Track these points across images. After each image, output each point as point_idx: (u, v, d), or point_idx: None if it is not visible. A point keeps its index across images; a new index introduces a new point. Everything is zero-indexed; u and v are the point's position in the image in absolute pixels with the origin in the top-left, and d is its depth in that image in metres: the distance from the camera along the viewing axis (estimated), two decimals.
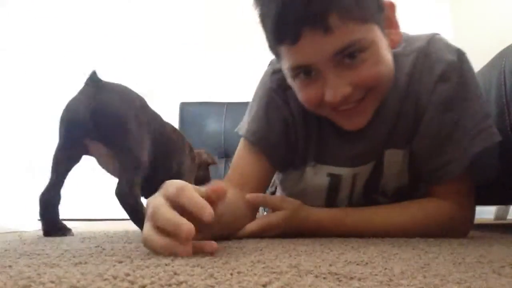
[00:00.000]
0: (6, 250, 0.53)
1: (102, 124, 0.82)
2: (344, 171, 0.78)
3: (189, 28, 2.94)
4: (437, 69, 0.70)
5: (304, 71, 0.66)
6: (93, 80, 0.85)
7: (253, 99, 0.86)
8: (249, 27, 3.33)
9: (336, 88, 0.63)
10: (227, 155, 2.59)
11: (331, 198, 0.81)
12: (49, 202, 0.90)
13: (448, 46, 0.72)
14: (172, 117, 2.76)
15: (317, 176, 0.80)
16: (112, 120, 0.83)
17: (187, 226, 0.40)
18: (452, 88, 0.70)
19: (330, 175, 0.79)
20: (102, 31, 2.86)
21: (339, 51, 0.61)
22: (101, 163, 0.97)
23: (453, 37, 2.56)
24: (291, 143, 0.80)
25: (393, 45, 0.69)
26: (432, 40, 0.73)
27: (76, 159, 0.93)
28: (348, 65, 0.63)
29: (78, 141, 0.87)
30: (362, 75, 0.63)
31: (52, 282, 0.29)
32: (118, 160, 0.85)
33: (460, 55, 0.71)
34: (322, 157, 0.79)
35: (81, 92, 0.87)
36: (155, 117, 1.02)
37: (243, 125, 0.85)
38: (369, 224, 0.73)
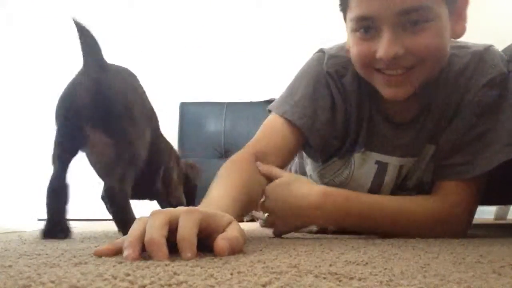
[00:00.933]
0: (6, 250, 0.53)
1: (104, 109, 0.73)
2: (391, 160, 0.80)
3: (189, 28, 2.94)
4: (488, 74, 0.73)
5: (365, 27, 0.67)
6: (93, 57, 0.76)
7: (299, 81, 0.84)
8: (249, 27, 3.32)
9: (390, 45, 0.65)
10: (227, 155, 2.59)
11: (374, 188, 0.82)
12: (59, 191, 0.79)
13: (503, 58, 0.75)
14: (172, 117, 2.76)
15: (366, 162, 0.82)
16: (117, 105, 0.73)
17: (162, 255, 0.39)
18: (496, 95, 0.72)
19: (378, 162, 0.81)
20: (102, 31, 2.85)
21: (406, 11, 0.63)
22: (95, 155, 0.88)
23: None
24: (339, 130, 0.81)
25: (454, 35, 0.71)
26: (489, 49, 0.76)
27: (75, 149, 0.83)
28: (408, 29, 0.65)
29: (78, 128, 0.77)
30: (418, 43, 0.65)
31: (52, 282, 0.29)
32: (115, 151, 0.76)
33: (510, 68, 0.74)
34: (372, 144, 0.80)
35: (81, 73, 0.77)
36: (154, 112, 0.95)
37: (282, 105, 0.82)
38: (378, 211, 0.72)
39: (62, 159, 0.80)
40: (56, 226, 0.78)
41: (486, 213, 2.10)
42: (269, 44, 2.90)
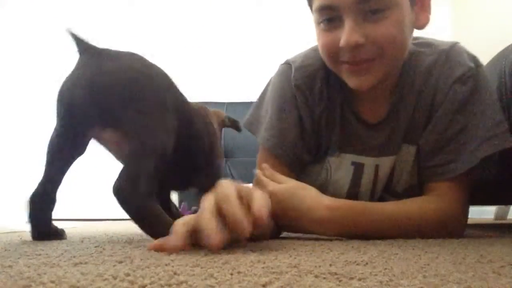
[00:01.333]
0: (6, 250, 0.53)
1: (104, 101, 0.64)
2: (367, 160, 0.80)
3: (189, 28, 2.94)
4: (456, 71, 0.74)
5: (328, 18, 0.70)
6: (86, 48, 0.68)
7: (268, 100, 0.86)
8: (249, 27, 3.33)
9: (351, 33, 0.67)
10: (227, 155, 2.59)
11: (352, 190, 0.82)
12: (40, 205, 0.73)
13: (468, 54, 0.76)
14: None
15: (342, 164, 0.81)
16: (118, 98, 0.64)
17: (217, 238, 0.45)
18: (468, 91, 0.73)
19: (354, 163, 0.81)
20: (102, 31, 2.86)
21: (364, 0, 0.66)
22: (114, 154, 0.82)
23: (453, 37, 2.56)
24: (310, 142, 0.82)
25: (417, 25, 0.73)
26: (455, 46, 0.77)
27: (78, 151, 0.75)
28: (369, 18, 0.67)
29: (79, 127, 0.69)
30: (379, 31, 0.67)
31: (52, 282, 0.29)
32: (128, 147, 0.66)
33: (477, 63, 0.75)
34: (346, 146, 0.81)
35: (78, 65, 0.69)
36: (175, 90, 0.83)
37: (258, 128, 0.85)
38: (386, 220, 0.70)
39: (53, 165, 0.73)
40: (43, 234, 0.73)
41: (486, 213, 2.10)
42: (269, 44, 2.90)
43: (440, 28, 2.50)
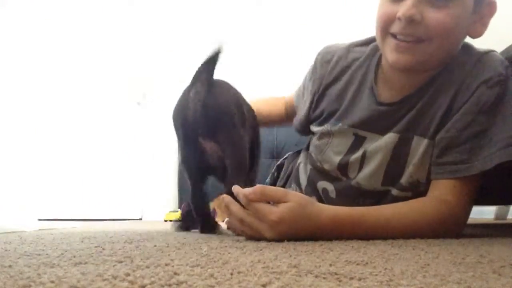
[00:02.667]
0: (6, 250, 0.53)
1: (212, 120, 0.82)
2: (368, 135, 0.85)
3: (189, 28, 2.94)
4: (486, 74, 0.74)
5: None
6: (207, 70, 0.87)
7: None
8: (249, 27, 3.32)
9: (410, 7, 0.71)
10: None
11: (343, 160, 0.87)
12: (200, 203, 0.88)
13: (503, 62, 0.77)
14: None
15: (345, 133, 0.88)
16: (222, 117, 0.83)
17: None
18: (494, 95, 0.73)
19: (356, 135, 0.87)
20: (102, 30, 2.86)
21: None
22: (210, 158, 0.92)
23: None
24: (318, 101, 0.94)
25: (470, 33, 0.76)
26: (489, 53, 0.78)
27: (202, 159, 0.87)
28: (433, 2, 0.71)
29: (192, 137, 0.84)
30: (436, 17, 0.71)
31: (52, 282, 0.29)
32: (225, 157, 0.83)
33: (510, 71, 0.75)
34: (351, 118, 0.87)
35: (191, 88, 0.87)
36: (251, 114, 0.98)
37: None
38: (387, 226, 0.71)
39: (192, 174, 0.87)
40: (210, 227, 0.88)
41: (486, 213, 2.10)
42: (270, 44, 2.90)
43: None
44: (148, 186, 2.80)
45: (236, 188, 0.68)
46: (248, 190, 0.66)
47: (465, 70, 0.77)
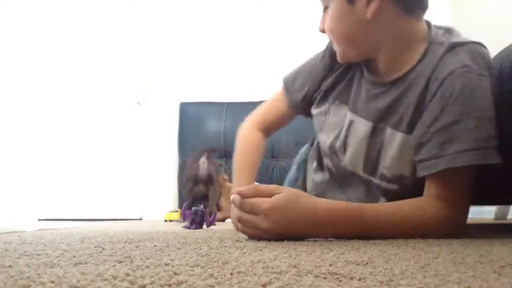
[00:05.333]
0: (6, 250, 0.53)
1: None
2: (356, 119, 0.88)
3: (189, 28, 2.94)
4: (451, 66, 0.73)
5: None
6: None
7: None
8: (249, 27, 3.31)
9: (320, 23, 0.88)
10: (227, 155, 2.59)
11: (333, 142, 0.91)
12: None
13: (478, 54, 0.75)
14: (172, 117, 2.77)
15: (339, 113, 0.92)
16: None
17: None
18: (459, 87, 0.71)
19: (349, 120, 0.90)
20: (102, 31, 2.86)
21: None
22: None
23: None
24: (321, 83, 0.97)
25: (367, 17, 0.79)
26: (467, 45, 0.76)
27: None
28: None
29: None
30: (325, 24, 0.85)
31: (52, 282, 0.29)
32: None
33: (487, 71, 0.73)
34: (347, 98, 0.91)
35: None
36: None
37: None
38: (383, 222, 0.71)
39: None
40: None
41: (486, 213, 2.10)
42: (269, 44, 2.90)
43: None
44: (148, 186, 2.80)
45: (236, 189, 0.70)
46: (241, 188, 0.68)
47: (435, 62, 0.76)
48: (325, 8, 0.85)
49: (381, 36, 0.81)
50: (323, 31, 0.87)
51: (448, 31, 0.83)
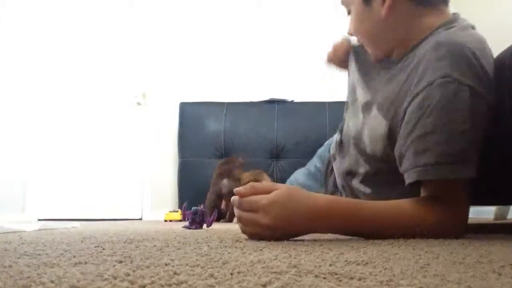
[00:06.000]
0: (6, 250, 0.53)
1: None
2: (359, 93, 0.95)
3: (189, 28, 2.94)
4: (432, 74, 0.71)
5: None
6: None
7: None
8: (249, 27, 3.32)
9: (348, 27, 0.95)
10: (227, 155, 2.59)
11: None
12: None
13: (467, 64, 0.70)
14: (172, 117, 2.77)
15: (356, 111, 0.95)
16: None
17: None
18: (436, 97, 0.70)
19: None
20: (102, 31, 2.86)
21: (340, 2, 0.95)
22: None
23: None
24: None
25: (382, 16, 0.83)
26: (455, 47, 0.72)
27: None
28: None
29: None
30: (351, 25, 0.93)
31: (52, 282, 0.29)
32: None
33: (470, 80, 0.70)
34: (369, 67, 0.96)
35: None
36: None
37: None
38: (381, 220, 0.71)
39: None
40: None
41: (486, 213, 2.10)
42: (269, 44, 2.90)
43: None
44: (148, 186, 2.80)
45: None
46: (239, 188, 0.69)
47: (420, 57, 0.76)
48: (349, 12, 0.91)
49: (400, 32, 0.84)
50: (351, 34, 0.94)
51: (450, 22, 0.81)
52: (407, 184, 0.74)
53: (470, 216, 0.77)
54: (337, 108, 1.56)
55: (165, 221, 2.16)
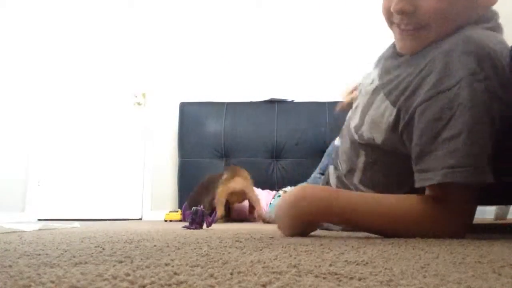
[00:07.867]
0: (6, 250, 0.53)
1: None
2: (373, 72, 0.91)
3: (189, 28, 2.94)
4: (461, 71, 0.69)
5: None
6: None
7: None
8: (249, 27, 3.32)
9: (397, 2, 0.76)
10: (227, 155, 2.59)
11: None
12: None
13: (490, 61, 0.69)
14: (172, 117, 2.77)
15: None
16: None
17: None
18: (468, 98, 0.68)
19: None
20: (102, 31, 2.86)
21: None
22: None
23: None
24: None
25: (484, 2, 0.77)
26: (473, 49, 0.70)
27: None
28: None
29: None
30: (428, 5, 0.74)
31: (52, 282, 0.29)
32: None
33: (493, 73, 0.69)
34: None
35: None
36: None
37: None
38: (354, 212, 0.73)
39: None
40: None
41: (486, 213, 2.10)
42: (269, 44, 2.90)
43: None
44: (148, 186, 2.80)
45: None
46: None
47: (443, 49, 0.73)
48: None
49: (463, 16, 0.77)
50: (405, 10, 0.76)
51: (482, 20, 0.79)
52: (428, 185, 0.71)
53: None
54: None
55: (165, 221, 2.16)
